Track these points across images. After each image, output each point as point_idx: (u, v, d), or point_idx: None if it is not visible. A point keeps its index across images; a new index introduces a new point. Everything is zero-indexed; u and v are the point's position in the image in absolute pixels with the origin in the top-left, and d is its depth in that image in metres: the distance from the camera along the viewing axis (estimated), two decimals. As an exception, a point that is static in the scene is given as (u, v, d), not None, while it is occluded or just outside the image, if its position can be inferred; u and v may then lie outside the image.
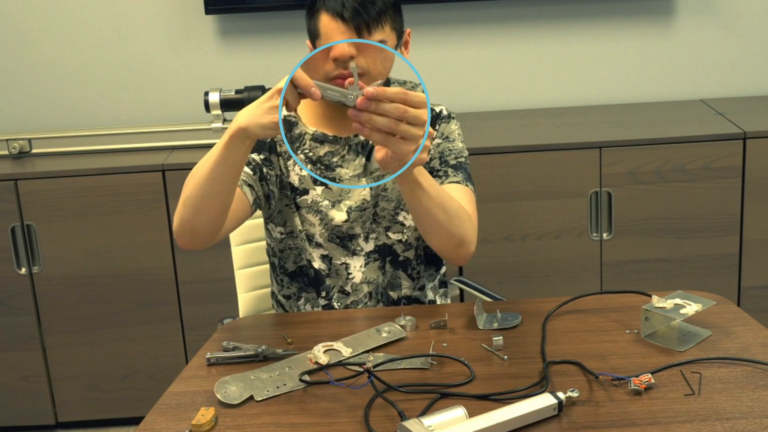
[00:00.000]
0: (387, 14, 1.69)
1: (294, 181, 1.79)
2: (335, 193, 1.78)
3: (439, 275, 1.94)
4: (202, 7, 3.05)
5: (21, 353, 2.85)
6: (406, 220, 1.81)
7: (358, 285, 1.82)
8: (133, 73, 3.13)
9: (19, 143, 2.88)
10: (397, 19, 1.73)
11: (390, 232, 1.82)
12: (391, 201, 1.80)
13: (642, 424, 1.30)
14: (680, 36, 3.14)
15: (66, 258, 2.78)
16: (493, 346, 1.55)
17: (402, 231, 1.82)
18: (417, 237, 1.84)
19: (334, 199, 1.78)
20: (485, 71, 3.16)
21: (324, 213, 1.78)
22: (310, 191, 1.78)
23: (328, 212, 1.78)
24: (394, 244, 1.82)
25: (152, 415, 1.41)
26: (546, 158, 2.73)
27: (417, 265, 1.86)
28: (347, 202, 1.78)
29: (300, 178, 1.78)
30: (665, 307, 1.55)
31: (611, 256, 2.79)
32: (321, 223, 1.79)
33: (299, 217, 1.80)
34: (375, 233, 1.81)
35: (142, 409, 1.54)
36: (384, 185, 1.79)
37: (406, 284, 1.86)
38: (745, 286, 2.83)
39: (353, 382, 1.45)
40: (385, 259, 1.83)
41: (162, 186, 2.74)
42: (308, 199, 1.78)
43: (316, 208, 1.78)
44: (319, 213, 1.78)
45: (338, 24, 1.65)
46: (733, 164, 2.72)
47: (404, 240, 1.83)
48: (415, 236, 1.84)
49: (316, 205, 1.78)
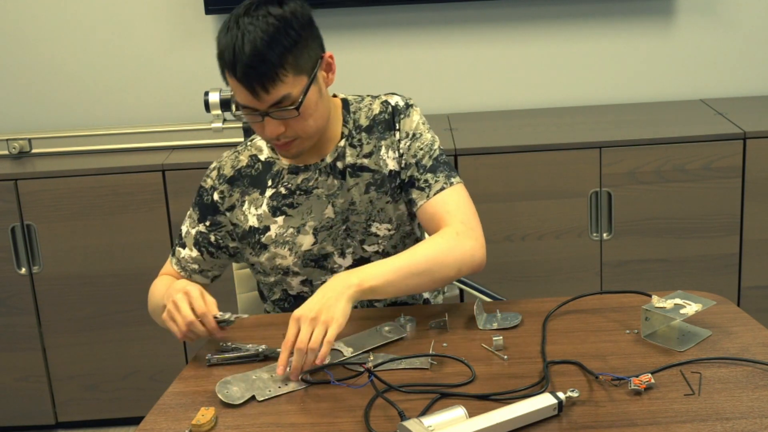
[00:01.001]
0: (285, 64, 1.55)
1: (254, 224, 1.76)
2: (297, 218, 1.75)
3: None
4: (202, 7, 3.05)
5: (21, 353, 2.85)
6: (379, 231, 1.77)
7: None
8: (133, 73, 3.13)
9: (19, 143, 2.88)
10: (304, 55, 1.59)
11: (365, 245, 1.77)
12: (361, 214, 1.75)
13: (642, 424, 1.30)
14: (680, 36, 3.14)
15: (66, 258, 2.78)
16: (493, 346, 1.55)
17: (377, 242, 1.78)
18: (394, 245, 1.79)
19: (298, 225, 1.75)
20: (485, 71, 3.16)
21: (291, 242, 1.75)
22: (272, 226, 1.75)
23: (295, 239, 1.74)
24: (372, 256, 1.78)
25: (152, 415, 1.41)
26: (546, 158, 2.73)
27: None
28: (311, 223, 1.75)
29: (258, 217, 1.76)
30: (665, 307, 1.55)
31: (611, 256, 2.79)
32: (291, 252, 1.75)
33: (269, 255, 1.76)
34: (350, 248, 1.77)
35: (142, 409, 1.53)
36: (352, 198, 1.75)
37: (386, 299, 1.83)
38: (745, 286, 2.83)
39: (353, 382, 1.45)
40: None
41: (162, 186, 2.74)
42: (272, 234, 1.75)
43: (282, 240, 1.75)
44: (287, 243, 1.75)
45: (235, 81, 1.57)
46: (733, 164, 2.72)
47: (381, 251, 1.78)
48: (392, 245, 1.79)
49: (282, 237, 1.75)
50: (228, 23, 1.59)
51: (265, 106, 1.58)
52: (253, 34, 1.54)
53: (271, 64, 1.55)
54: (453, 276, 1.66)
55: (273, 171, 1.76)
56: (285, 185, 1.75)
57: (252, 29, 1.55)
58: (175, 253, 1.82)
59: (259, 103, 1.58)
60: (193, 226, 1.80)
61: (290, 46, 1.57)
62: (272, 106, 1.59)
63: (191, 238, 1.80)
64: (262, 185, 1.76)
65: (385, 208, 1.76)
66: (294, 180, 1.75)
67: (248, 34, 1.54)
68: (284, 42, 1.56)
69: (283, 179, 1.75)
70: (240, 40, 1.54)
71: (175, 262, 1.82)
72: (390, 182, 1.76)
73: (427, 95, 3.14)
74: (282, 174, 1.76)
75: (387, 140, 1.76)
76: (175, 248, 1.83)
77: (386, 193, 1.76)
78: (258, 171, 1.77)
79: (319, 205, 1.74)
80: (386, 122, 1.77)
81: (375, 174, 1.75)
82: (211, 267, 1.82)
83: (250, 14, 1.57)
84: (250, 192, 1.76)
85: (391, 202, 1.76)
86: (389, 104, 1.78)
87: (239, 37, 1.54)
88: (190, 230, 1.81)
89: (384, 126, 1.77)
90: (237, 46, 1.54)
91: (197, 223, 1.80)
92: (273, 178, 1.76)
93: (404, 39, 3.10)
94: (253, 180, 1.77)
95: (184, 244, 1.81)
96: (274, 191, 1.75)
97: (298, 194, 1.75)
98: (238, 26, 1.56)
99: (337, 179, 1.74)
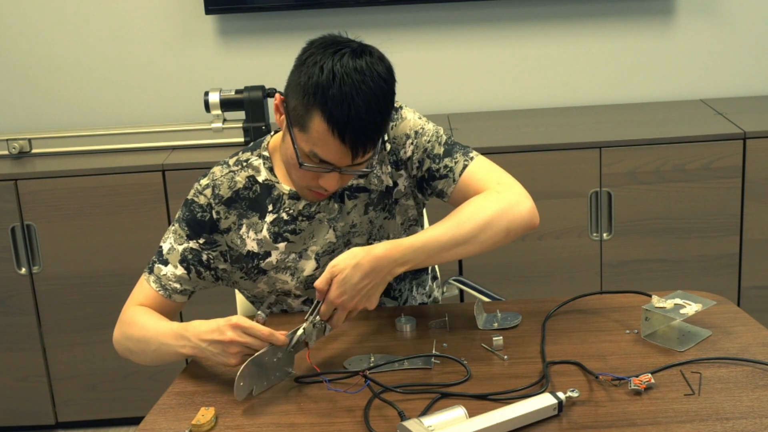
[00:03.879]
0: (384, 130, 1.56)
1: (253, 248, 1.69)
2: (299, 243, 1.71)
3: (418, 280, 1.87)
4: (202, 7, 3.05)
5: (21, 353, 2.85)
6: None
7: None
8: (133, 73, 3.13)
9: (19, 143, 2.88)
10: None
11: None
12: (363, 235, 1.73)
13: (642, 424, 1.30)
14: (680, 36, 3.14)
15: (66, 258, 2.78)
16: (493, 346, 1.55)
17: None
18: None
19: (300, 250, 1.70)
20: (485, 71, 3.15)
21: (293, 267, 1.71)
22: (273, 252, 1.70)
23: (297, 265, 1.71)
24: None
25: (152, 415, 1.42)
26: (546, 158, 2.73)
27: (397, 285, 1.81)
28: (313, 248, 1.70)
29: (258, 242, 1.69)
30: (665, 307, 1.55)
31: (611, 256, 2.79)
32: (293, 278, 1.72)
33: (267, 279, 1.72)
34: None
35: (142, 409, 1.53)
36: (352, 221, 1.71)
37: (393, 303, 1.82)
38: (745, 286, 2.82)
39: (350, 387, 1.44)
40: None
41: (162, 186, 2.74)
42: (273, 261, 1.70)
43: (284, 266, 1.71)
44: (288, 269, 1.71)
45: (334, 141, 1.50)
46: (733, 164, 2.72)
47: None
48: None
49: (283, 263, 1.70)
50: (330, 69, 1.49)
51: (347, 164, 1.55)
52: (369, 96, 1.49)
53: (380, 131, 1.54)
54: (502, 238, 1.59)
55: (273, 195, 1.70)
56: (287, 211, 1.69)
57: (366, 90, 1.49)
58: (153, 271, 1.69)
59: (346, 162, 1.54)
60: (180, 242, 1.68)
61: (391, 113, 1.57)
62: (351, 165, 1.56)
63: (177, 254, 1.68)
64: (261, 209, 1.69)
65: (384, 224, 1.74)
66: (295, 206, 1.69)
67: (364, 96, 1.49)
68: (389, 106, 1.55)
69: (284, 204, 1.69)
70: (356, 101, 1.48)
71: (153, 280, 1.68)
72: (386, 198, 1.73)
73: (427, 95, 3.14)
74: (283, 199, 1.69)
75: (378, 155, 1.70)
76: (153, 266, 1.69)
77: (383, 209, 1.73)
78: (256, 194, 1.70)
79: (321, 229, 1.70)
80: None
81: (371, 193, 1.72)
82: (193, 287, 1.71)
83: (357, 69, 1.49)
84: (248, 215, 1.69)
85: (389, 218, 1.74)
86: None
87: (353, 97, 1.48)
88: (175, 246, 1.68)
89: None
90: (353, 108, 1.48)
91: (186, 240, 1.68)
92: (274, 203, 1.69)
93: (404, 39, 3.10)
94: (251, 203, 1.69)
95: (166, 261, 1.68)
96: (275, 216, 1.69)
97: (300, 220, 1.69)
98: (351, 81, 1.48)
99: (337, 203, 1.70)
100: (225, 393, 1.45)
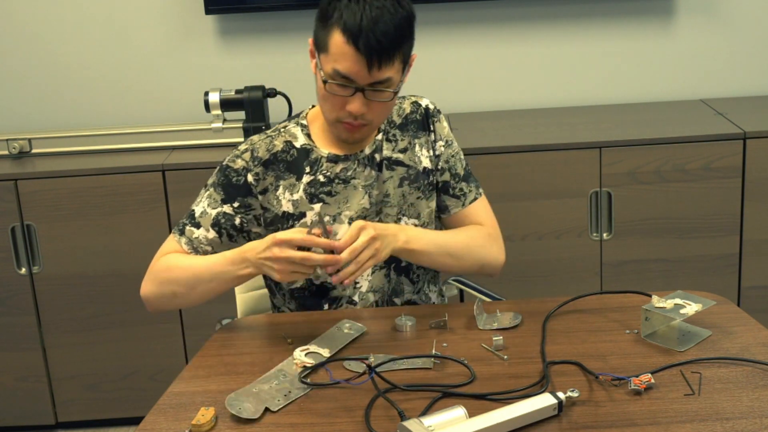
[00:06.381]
0: (401, 50, 1.65)
1: (288, 209, 1.76)
2: (333, 206, 1.76)
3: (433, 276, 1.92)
4: (202, 7, 3.05)
5: (21, 353, 2.85)
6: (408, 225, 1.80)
7: (364, 294, 1.80)
8: (133, 73, 3.13)
9: (19, 143, 2.88)
10: (408, 49, 1.69)
11: None
12: (393, 207, 1.79)
13: (642, 424, 1.31)
14: (680, 36, 3.14)
15: (66, 258, 2.78)
16: (493, 346, 1.55)
17: None
18: None
19: (334, 213, 1.76)
20: (485, 71, 3.15)
21: None
22: (308, 213, 1.76)
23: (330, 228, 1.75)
24: None
25: (152, 415, 1.42)
26: (546, 158, 2.73)
27: (417, 269, 1.85)
28: (347, 213, 1.76)
29: (293, 203, 1.75)
30: (665, 307, 1.55)
31: (611, 256, 2.79)
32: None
33: None
34: None
35: (142, 409, 1.53)
36: (386, 191, 1.78)
37: (408, 289, 1.85)
38: (745, 286, 2.82)
39: (353, 380, 1.45)
40: (390, 266, 1.81)
41: (162, 186, 2.74)
42: (307, 221, 1.75)
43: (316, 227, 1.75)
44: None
45: (350, 49, 1.60)
46: (733, 164, 2.72)
47: None
48: None
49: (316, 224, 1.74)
50: None
51: (366, 81, 1.63)
52: (383, 12, 1.60)
53: (395, 44, 1.62)
54: (476, 269, 1.83)
55: (311, 158, 1.77)
56: (324, 173, 1.76)
57: (380, 6, 1.60)
58: (184, 233, 1.76)
59: (363, 76, 1.61)
60: (214, 206, 1.75)
61: (408, 37, 1.67)
62: (372, 84, 1.63)
63: (209, 218, 1.74)
64: (298, 171, 1.76)
65: (416, 203, 1.81)
66: (333, 169, 1.77)
67: (378, 11, 1.60)
68: (406, 31, 1.66)
69: (322, 167, 1.76)
70: (369, 13, 1.59)
71: (185, 242, 1.75)
72: (423, 179, 1.81)
73: (427, 95, 3.13)
74: (321, 162, 1.77)
75: (421, 139, 1.83)
76: (185, 227, 1.76)
77: (418, 189, 1.81)
78: (293, 157, 1.77)
79: (356, 195, 1.77)
80: (419, 122, 1.84)
81: (409, 169, 1.81)
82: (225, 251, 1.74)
83: None
84: (285, 177, 1.76)
85: (422, 198, 1.82)
86: (420, 105, 1.87)
87: (368, 9, 1.59)
88: (208, 210, 1.75)
89: (417, 125, 1.84)
90: (366, 17, 1.58)
91: (220, 204, 1.75)
92: (311, 165, 1.76)
93: (404, 39, 3.10)
94: (288, 165, 1.76)
95: (198, 224, 1.75)
96: (312, 178, 1.76)
97: (337, 183, 1.76)
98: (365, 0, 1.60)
99: (374, 170, 1.78)
100: (225, 393, 1.45)
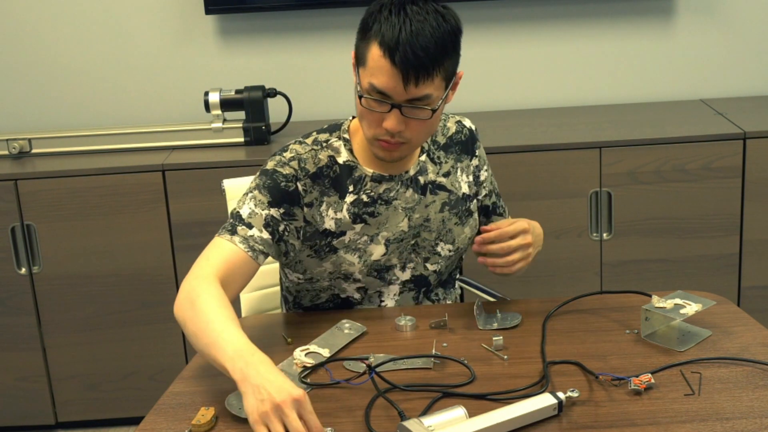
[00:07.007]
0: (442, 66, 1.56)
1: (330, 227, 1.70)
2: (373, 227, 1.72)
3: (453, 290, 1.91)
4: (202, 7, 3.05)
5: (21, 353, 2.85)
6: (443, 251, 1.78)
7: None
8: (133, 73, 3.14)
9: (19, 143, 2.88)
10: (452, 66, 1.61)
11: (428, 263, 1.78)
12: (432, 232, 1.76)
13: (642, 424, 1.30)
14: (680, 36, 3.14)
15: (66, 258, 2.78)
16: (493, 346, 1.55)
17: (438, 262, 1.79)
18: (447, 266, 1.82)
19: (372, 233, 1.72)
20: (485, 71, 3.15)
21: (362, 249, 1.72)
22: (348, 231, 1.71)
23: (367, 248, 1.72)
24: (430, 275, 1.79)
25: (152, 415, 1.41)
26: (546, 158, 2.73)
27: (441, 292, 1.85)
28: (384, 233, 1.72)
29: (336, 221, 1.70)
30: (665, 307, 1.55)
31: (611, 256, 2.79)
32: (360, 260, 1.72)
33: (336, 259, 1.72)
34: (413, 263, 1.77)
35: (142, 409, 1.54)
36: (428, 215, 1.75)
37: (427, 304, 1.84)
38: (745, 286, 2.83)
39: (353, 379, 1.45)
40: (420, 290, 1.80)
41: (162, 186, 2.74)
42: (346, 240, 1.71)
43: (354, 246, 1.71)
44: (358, 251, 1.72)
45: (386, 63, 1.53)
46: (733, 164, 2.72)
47: (438, 270, 1.80)
48: (446, 265, 1.81)
49: (354, 243, 1.71)
50: (388, 5, 1.56)
51: (402, 98, 1.55)
52: (425, 25, 1.53)
53: (434, 60, 1.54)
54: None
55: (354, 176, 1.71)
56: (367, 193, 1.71)
57: (422, 20, 1.54)
58: (237, 232, 1.62)
59: (399, 92, 1.54)
60: (263, 208, 1.65)
61: (451, 52, 1.59)
62: (409, 101, 1.56)
63: (260, 218, 1.64)
64: (342, 189, 1.70)
65: (453, 229, 1.79)
66: (376, 189, 1.72)
67: (419, 24, 1.53)
68: (448, 46, 1.57)
69: (366, 186, 1.71)
70: (410, 26, 1.52)
71: (239, 241, 1.61)
72: (461, 205, 1.79)
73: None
74: (365, 181, 1.71)
75: (463, 163, 1.81)
76: (235, 228, 1.63)
77: (456, 215, 1.79)
78: (336, 174, 1.70)
79: (396, 216, 1.73)
80: (463, 144, 1.82)
81: (451, 194, 1.78)
82: (272, 254, 1.66)
83: (419, 5, 1.56)
84: (330, 194, 1.70)
85: (459, 224, 1.79)
86: (464, 126, 1.83)
87: (409, 22, 1.53)
88: (257, 211, 1.64)
89: (461, 148, 1.81)
90: (406, 30, 1.52)
91: (267, 207, 1.65)
92: (354, 184, 1.71)
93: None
94: (333, 182, 1.70)
95: (250, 224, 1.63)
96: (355, 197, 1.71)
97: (380, 203, 1.72)
98: (405, 12, 1.54)
99: (417, 193, 1.74)
100: (225, 393, 1.45)
